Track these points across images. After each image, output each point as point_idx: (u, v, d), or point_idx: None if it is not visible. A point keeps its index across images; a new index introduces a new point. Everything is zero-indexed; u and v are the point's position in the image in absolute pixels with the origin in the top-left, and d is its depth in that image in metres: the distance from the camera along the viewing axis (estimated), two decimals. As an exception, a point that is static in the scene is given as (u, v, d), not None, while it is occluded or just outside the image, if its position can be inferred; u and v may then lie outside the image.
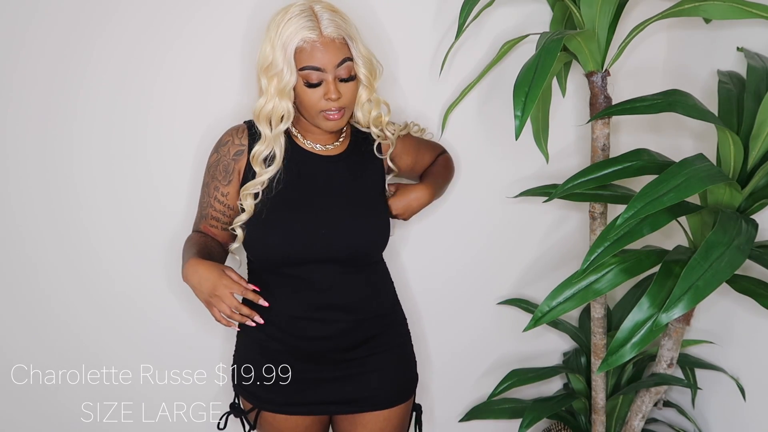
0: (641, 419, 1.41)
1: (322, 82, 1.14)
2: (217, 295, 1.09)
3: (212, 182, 1.25)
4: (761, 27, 1.29)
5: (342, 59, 1.14)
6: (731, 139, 1.10)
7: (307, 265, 1.22)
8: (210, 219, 1.27)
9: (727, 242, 0.95)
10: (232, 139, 1.25)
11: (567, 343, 1.81)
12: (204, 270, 1.11)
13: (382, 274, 1.37)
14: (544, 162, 1.50)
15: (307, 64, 1.13)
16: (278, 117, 1.18)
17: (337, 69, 1.14)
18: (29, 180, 1.39)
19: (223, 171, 1.24)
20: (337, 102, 1.15)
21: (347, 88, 1.17)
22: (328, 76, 1.14)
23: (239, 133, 1.25)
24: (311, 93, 1.15)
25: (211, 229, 1.27)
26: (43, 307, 1.48)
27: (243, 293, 1.11)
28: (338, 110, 1.17)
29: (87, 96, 1.36)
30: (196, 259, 1.13)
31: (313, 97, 1.15)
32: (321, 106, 1.16)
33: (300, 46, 1.12)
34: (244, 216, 1.22)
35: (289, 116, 1.18)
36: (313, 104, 1.16)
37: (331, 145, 1.27)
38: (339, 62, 1.14)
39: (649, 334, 1.03)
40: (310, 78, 1.14)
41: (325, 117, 1.18)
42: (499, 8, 1.45)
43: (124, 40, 1.34)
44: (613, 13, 1.23)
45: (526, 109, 1.04)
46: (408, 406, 1.37)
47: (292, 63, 1.13)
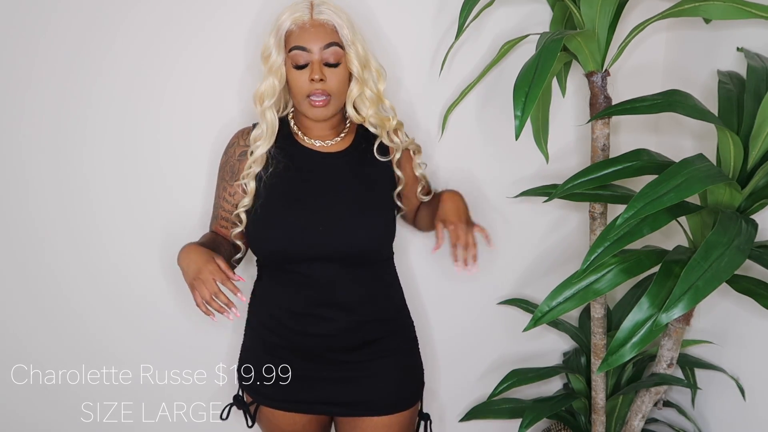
0: (641, 419, 1.41)
1: (308, 65, 1.16)
2: (200, 278, 1.09)
3: (221, 183, 1.28)
4: (761, 27, 1.29)
5: (329, 42, 1.16)
6: (731, 139, 1.10)
7: (307, 262, 1.22)
8: (220, 219, 1.29)
9: (727, 242, 0.95)
10: (237, 140, 1.28)
11: (567, 343, 1.81)
12: (195, 254, 1.12)
13: (388, 278, 1.35)
14: (544, 162, 1.50)
15: (295, 44, 1.16)
16: (267, 94, 1.20)
17: (323, 51, 1.16)
18: (40, 178, 1.40)
19: (230, 171, 1.27)
20: (321, 85, 1.16)
21: (333, 73, 1.17)
22: (314, 56, 1.16)
23: (244, 134, 1.28)
24: (298, 75, 1.17)
25: (221, 229, 1.29)
26: (43, 308, 1.48)
27: (223, 281, 1.09)
28: (323, 96, 1.17)
29: (101, 97, 1.37)
30: (192, 245, 1.15)
31: (299, 79, 1.17)
32: (306, 90, 1.17)
33: (290, 29, 1.16)
34: (246, 200, 1.23)
35: (274, 92, 1.20)
36: (300, 87, 1.17)
37: (332, 141, 1.27)
38: (326, 44, 1.15)
39: (649, 334, 1.03)
40: (297, 60, 1.16)
41: (310, 103, 1.18)
42: (499, 8, 1.45)
43: (139, 41, 1.35)
44: (613, 13, 1.23)
45: (526, 109, 1.04)
46: (412, 413, 1.35)
47: (281, 43, 1.17)
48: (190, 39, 1.37)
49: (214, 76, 1.40)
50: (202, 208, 1.45)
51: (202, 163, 1.44)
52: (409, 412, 1.33)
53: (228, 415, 1.35)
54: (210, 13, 1.36)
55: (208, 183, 1.44)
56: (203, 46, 1.38)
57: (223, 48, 1.39)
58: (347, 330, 1.26)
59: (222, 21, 1.37)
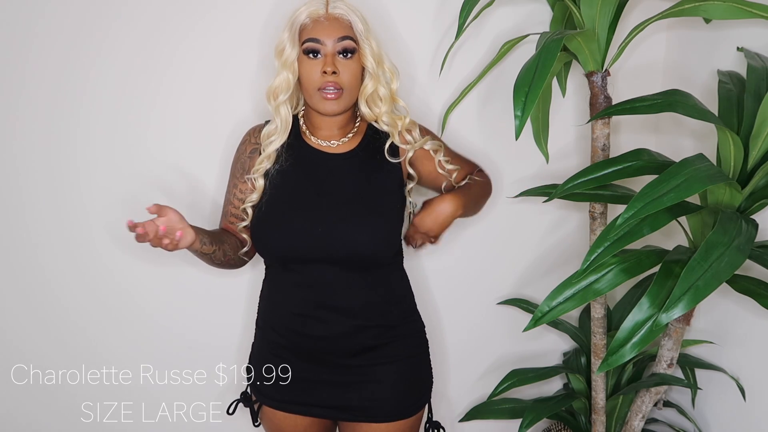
0: (641, 419, 1.41)
1: (321, 56, 1.17)
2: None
3: (232, 180, 1.29)
4: (761, 27, 1.29)
5: (343, 35, 1.16)
6: (731, 139, 1.10)
7: (309, 264, 1.22)
8: (230, 216, 1.29)
9: (727, 242, 0.95)
10: (249, 138, 1.29)
11: (567, 343, 1.81)
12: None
13: (394, 284, 1.32)
14: (544, 162, 1.50)
15: (309, 36, 1.16)
16: (281, 89, 1.21)
17: (336, 44, 1.16)
18: (34, 178, 1.40)
19: (240, 169, 1.28)
20: (333, 77, 1.16)
21: (346, 66, 1.17)
22: (328, 49, 1.16)
23: (255, 132, 1.29)
24: (310, 66, 1.17)
25: (230, 226, 1.29)
26: (43, 307, 1.48)
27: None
28: (335, 89, 1.17)
29: (112, 95, 1.37)
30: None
31: (312, 72, 1.17)
32: (319, 83, 1.17)
33: (304, 23, 1.17)
34: (254, 196, 1.24)
35: (288, 87, 1.20)
36: (312, 80, 1.17)
37: (339, 141, 1.26)
38: (339, 37, 1.16)
39: (649, 334, 1.03)
40: (310, 49, 1.17)
41: (322, 96, 1.18)
42: (499, 8, 1.45)
43: (150, 38, 1.35)
44: (613, 13, 1.23)
45: (526, 109, 1.04)
46: (413, 422, 1.32)
47: (296, 37, 1.17)
48: (203, 36, 1.37)
49: (227, 74, 1.40)
50: (209, 209, 1.46)
51: (212, 163, 1.44)
52: (411, 421, 1.31)
53: (234, 410, 1.35)
54: (224, 10, 1.36)
55: (216, 183, 1.45)
56: (216, 44, 1.38)
57: (237, 46, 1.39)
58: (346, 334, 1.24)
59: (235, 18, 1.37)
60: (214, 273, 1.50)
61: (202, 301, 1.54)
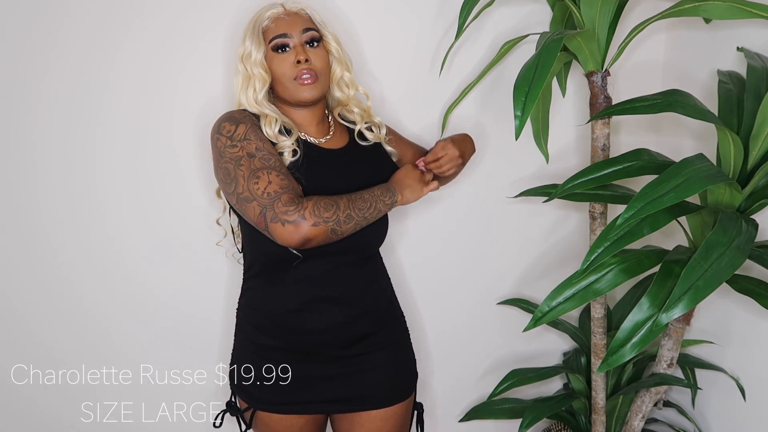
0: (641, 419, 1.41)
1: (290, 49, 1.19)
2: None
3: (248, 155, 1.14)
4: (761, 27, 1.29)
5: (306, 27, 1.21)
6: (731, 139, 1.10)
7: (314, 257, 1.21)
8: (283, 169, 1.15)
9: (727, 242, 0.95)
10: (244, 121, 1.24)
11: (567, 343, 1.81)
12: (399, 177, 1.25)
13: (379, 270, 1.36)
14: (544, 162, 1.50)
15: (274, 34, 1.19)
16: (258, 88, 1.20)
17: (302, 35, 1.20)
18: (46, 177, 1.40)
19: (265, 146, 1.17)
20: (307, 65, 1.19)
21: (315, 53, 1.21)
22: (295, 41, 1.19)
23: (242, 116, 1.25)
24: (281, 60, 1.19)
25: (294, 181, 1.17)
26: (43, 308, 1.48)
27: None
28: (310, 75, 1.19)
29: (112, 98, 1.37)
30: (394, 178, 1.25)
31: (284, 64, 1.19)
32: (293, 73, 1.19)
33: (267, 25, 1.21)
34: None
35: (264, 82, 1.20)
36: (286, 72, 1.19)
37: (327, 136, 1.27)
38: (303, 29, 1.20)
39: (649, 334, 1.03)
40: (280, 44, 1.19)
41: (300, 83, 1.19)
42: (499, 8, 1.45)
43: (147, 42, 1.35)
44: (613, 13, 1.23)
45: (526, 109, 1.04)
46: (408, 405, 1.37)
47: (260, 39, 1.20)
48: (201, 40, 1.37)
49: (227, 76, 1.39)
50: (205, 210, 1.46)
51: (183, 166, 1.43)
52: (405, 404, 1.35)
53: (222, 422, 1.35)
54: (223, 13, 1.36)
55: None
56: (217, 48, 1.38)
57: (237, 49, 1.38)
58: (342, 324, 1.26)
59: (237, 21, 1.37)
60: (214, 273, 1.51)
61: (202, 301, 1.54)
